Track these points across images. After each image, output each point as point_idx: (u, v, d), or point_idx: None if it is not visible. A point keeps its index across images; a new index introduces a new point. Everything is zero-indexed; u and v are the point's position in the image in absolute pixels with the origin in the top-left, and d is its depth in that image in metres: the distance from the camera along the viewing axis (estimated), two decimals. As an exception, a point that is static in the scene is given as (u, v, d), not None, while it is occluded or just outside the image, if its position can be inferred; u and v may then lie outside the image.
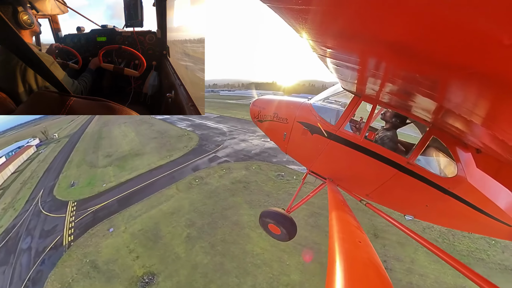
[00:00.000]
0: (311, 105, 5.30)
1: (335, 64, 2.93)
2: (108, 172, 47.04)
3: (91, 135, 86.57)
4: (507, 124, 1.62)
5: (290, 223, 5.88)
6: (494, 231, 4.31)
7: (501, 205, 3.91)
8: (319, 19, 1.47)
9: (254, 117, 6.58)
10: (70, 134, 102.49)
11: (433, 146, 4.46)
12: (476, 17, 0.78)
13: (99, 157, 57.83)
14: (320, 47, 2.25)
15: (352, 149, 4.60)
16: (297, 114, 5.37)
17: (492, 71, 1.10)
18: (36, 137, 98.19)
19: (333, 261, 1.96)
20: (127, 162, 50.64)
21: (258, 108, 6.39)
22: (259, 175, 36.50)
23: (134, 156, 54.09)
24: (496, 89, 1.26)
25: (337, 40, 1.93)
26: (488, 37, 0.85)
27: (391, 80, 2.40)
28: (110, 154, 58.31)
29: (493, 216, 4.02)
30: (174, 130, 73.36)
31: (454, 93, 1.69)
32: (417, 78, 1.82)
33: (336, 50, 2.20)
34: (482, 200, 3.92)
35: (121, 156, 55.82)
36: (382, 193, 4.87)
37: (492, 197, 3.88)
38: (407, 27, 1.12)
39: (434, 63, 1.38)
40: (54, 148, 79.91)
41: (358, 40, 1.68)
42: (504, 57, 0.91)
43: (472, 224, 4.40)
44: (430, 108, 2.76)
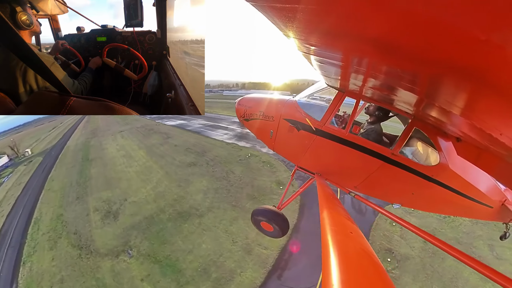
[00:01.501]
0: (296, 102, 5.35)
1: (319, 61, 2.97)
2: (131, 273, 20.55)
3: (74, 154, 54.79)
4: (484, 113, 1.70)
5: (282, 220, 5.93)
6: (477, 213, 4.58)
7: (482, 188, 4.17)
8: (302, 17, 1.48)
9: (240, 116, 6.56)
10: (46, 149, 69.83)
11: (415, 137, 4.63)
12: (453, 15, 0.81)
13: (91, 217, 28.92)
14: (304, 44, 2.28)
15: (338, 143, 4.69)
16: (282, 112, 5.40)
17: (469, 65, 1.14)
18: (4, 154, 69.03)
19: (327, 253, 1.99)
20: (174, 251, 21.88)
21: (244, 107, 6.38)
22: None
23: (181, 221, 24.61)
24: (473, 82, 1.32)
25: (320, 38, 1.96)
26: (465, 33, 0.89)
27: (373, 75, 2.46)
28: (115, 211, 28.68)
29: (475, 199, 4.26)
30: (217, 146, 42.21)
31: (434, 87, 1.75)
32: (399, 73, 1.88)
33: (319, 48, 2.23)
34: (464, 185, 4.15)
35: (144, 220, 25.87)
36: (369, 184, 5.00)
37: (474, 181, 4.11)
38: (388, 25, 1.15)
39: (415, 58, 1.42)
40: (22, 175, 50.36)
41: (341, 37, 1.71)
42: (480, 52, 0.95)
43: (457, 208, 4.64)
44: (411, 101, 2.86)
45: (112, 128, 68.97)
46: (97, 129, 72.77)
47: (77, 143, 62.99)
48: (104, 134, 64.92)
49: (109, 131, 65.91)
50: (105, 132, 67.54)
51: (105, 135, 63.47)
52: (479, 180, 4.16)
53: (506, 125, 1.63)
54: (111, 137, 60.48)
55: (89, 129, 78.49)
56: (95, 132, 71.24)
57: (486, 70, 1.10)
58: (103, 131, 68.52)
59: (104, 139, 59.86)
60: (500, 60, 0.95)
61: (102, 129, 71.90)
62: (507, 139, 1.70)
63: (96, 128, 74.07)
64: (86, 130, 76.47)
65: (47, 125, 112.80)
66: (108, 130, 67.88)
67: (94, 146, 56.59)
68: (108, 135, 62.07)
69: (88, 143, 60.12)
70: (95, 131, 71.87)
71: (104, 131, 68.29)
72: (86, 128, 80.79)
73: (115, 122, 74.60)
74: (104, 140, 59.00)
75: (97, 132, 69.09)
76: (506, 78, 1.09)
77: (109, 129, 68.54)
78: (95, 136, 65.17)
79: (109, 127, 70.93)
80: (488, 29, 0.79)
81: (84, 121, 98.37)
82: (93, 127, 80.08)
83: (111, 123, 74.40)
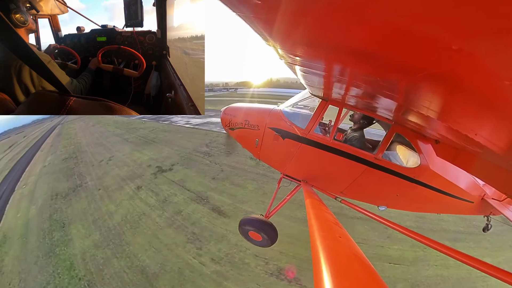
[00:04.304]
0: (281, 111, 5.44)
1: (302, 71, 3.05)
2: None
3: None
4: (459, 116, 1.81)
5: (270, 228, 5.88)
6: (459, 208, 4.78)
7: (462, 185, 4.39)
8: (285, 28, 1.54)
9: (225, 125, 6.57)
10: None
11: (397, 141, 4.82)
12: (427, 27, 0.88)
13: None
14: (288, 55, 2.34)
15: (323, 151, 4.79)
16: (268, 121, 5.46)
17: (444, 72, 1.23)
18: None
19: (317, 259, 1.99)
20: None
21: (229, 116, 6.39)
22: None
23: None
24: (448, 88, 1.41)
25: (302, 49, 2.03)
26: (439, 44, 0.96)
27: (354, 84, 2.56)
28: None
29: (456, 196, 4.47)
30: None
31: (412, 93, 1.85)
32: (379, 82, 1.97)
33: (302, 58, 2.30)
34: (445, 183, 4.34)
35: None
36: (355, 189, 5.10)
37: (453, 180, 4.33)
38: (367, 37, 1.22)
39: (393, 68, 1.51)
40: None
41: (323, 49, 1.78)
42: (453, 60, 1.03)
43: (440, 205, 4.82)
44: (391, 107, 2.99)
45: (107, 148, 28.04)
46: (78, 153, 28.72)
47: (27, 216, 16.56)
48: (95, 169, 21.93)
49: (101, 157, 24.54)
50: (95, 158, 25.00)
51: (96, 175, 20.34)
52: (459, 178, 4.38)
53: (480, 126, 1.74)
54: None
55: (63, 152, 31.60)
56: (76, 161, 25.70)
57: (459, 77, 1.19)
58: (92, 156, 26.10)
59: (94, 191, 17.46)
60: (471, 67, 1.03)
61: (88, 150, 29.27)
62: (482, 138, 1.81)
63: (75, 151, 30.00)
64: (56, 156, 30.69)
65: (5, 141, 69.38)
66: (98, 154, 26.16)
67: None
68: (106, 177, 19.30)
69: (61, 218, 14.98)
70: (73, 158, 27.31)
71: (94, 157, 25.45)
72: (54, 152, 33.95)
73: (109, 134, 36.09)
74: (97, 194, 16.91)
75: (78, 167, 23.63)
76: (477, 83, 1.18)
77: (101, 151, 27.17)
78: (74, 192, 18.24)
79: (100, 144, 30.76)
80: (459, 39, 0.86)
81: (53, 134, 53.71)
82: (69, 147, 33.75)
83: (102, 136, 35.46)
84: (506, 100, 1.14)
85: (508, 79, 0.94)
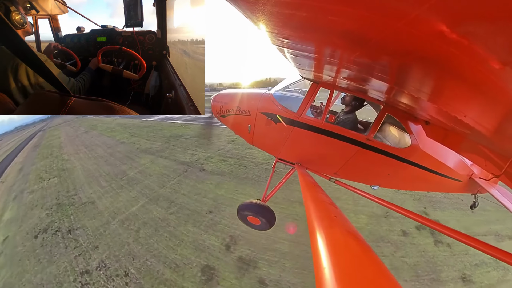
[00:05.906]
0: (271, 95, 5.37)
1: (292, 54, 2.99)
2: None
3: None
4: (449, 98, 1.82)
5: (268, 212, 5.99)
6: (448, 187, 4.94)
7: (451, 165, 4.51)
8: (274, 11, 1.49)
9: (216, 113, 6.47)
10: None
11: (388, 122, 4.87)
12: (419, 10, 0.85)
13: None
14: (277, 38, 2.28)
15: (316, 133, 4.80)
16: (259, 106, 5.41)
17: (434, 55, 1.22)
18: None
19: (315, 238, 2.05)
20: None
21: (220, 103, 6.29)
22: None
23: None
24: (438, 70, 1.41)
25: (293, 32, 1.97)
26: (430, 27, 0.94)
27: (345, 66, 2.53)
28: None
29: (445, 175, 4.60)
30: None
31: (403, 75, 1.84)
32: (370, 64, 1.94)
33: (292, 41, 2.25)
34: (435, 163, 4.46)
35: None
36: (348, 170, 5.18)
37: (443, 159, 4.43)
38: (358, 19, 1.19)
39: (384, 50, 1.48)
40: None
41: (313, 31, 1.73)
42: (443, 43, 1.02)
43: (430, 184, 4.96)
44: (383, 89, 2.97)
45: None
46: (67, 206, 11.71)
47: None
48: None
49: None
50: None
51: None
52: (448, 158, 4.49)
53: (469, 108, 1.76)
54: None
55: (33, 201, 13.37)
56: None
57: (449, 60, 1.18)
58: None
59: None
60: (461, 50, 1.02)
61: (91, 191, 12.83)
62: (470, 120, 1.83)
63: (59, 197, 12.90)
64: (19, 225, 11.23)
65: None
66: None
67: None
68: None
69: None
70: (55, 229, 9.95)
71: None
72: (20, 196, 14.86)
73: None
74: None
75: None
76: (466, 66, 1.17)
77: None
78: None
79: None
80: (451, 23, 0.84)
81: (29, 146, 36.74)
82: (51, 179, 16.59)
83: (112, 153, 20.23)
84: (494, 83, 1.14)
85: (497, 63, 0.93)
